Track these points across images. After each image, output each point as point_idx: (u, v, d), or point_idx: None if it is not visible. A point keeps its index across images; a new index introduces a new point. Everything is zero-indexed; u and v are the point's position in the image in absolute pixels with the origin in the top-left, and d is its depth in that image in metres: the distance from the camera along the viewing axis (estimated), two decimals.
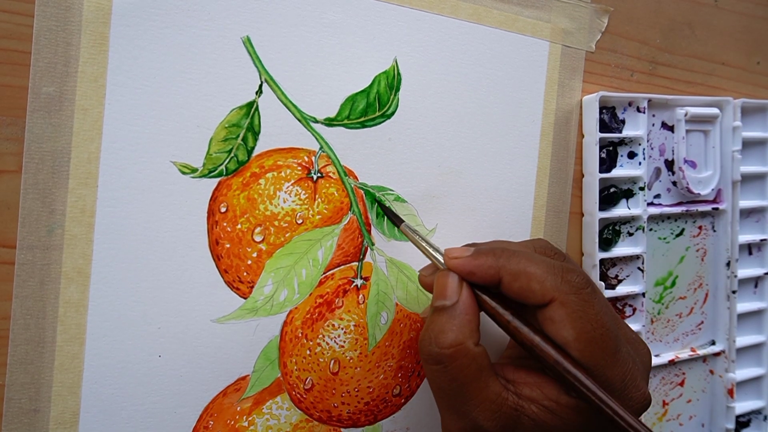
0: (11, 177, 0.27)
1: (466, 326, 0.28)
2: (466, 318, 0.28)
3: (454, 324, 0.28)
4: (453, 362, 0.27)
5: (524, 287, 0.28)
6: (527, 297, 0.28)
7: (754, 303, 0.47)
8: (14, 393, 0.28)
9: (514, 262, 0.28)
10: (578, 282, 0.28)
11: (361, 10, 0.33)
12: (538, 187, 0.39)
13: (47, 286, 0.28)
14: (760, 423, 0.48)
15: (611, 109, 0.41)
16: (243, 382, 0.32)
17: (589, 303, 0.28)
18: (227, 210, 0.31)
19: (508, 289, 0.28)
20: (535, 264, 0.28)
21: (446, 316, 0.28)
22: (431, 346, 0.27)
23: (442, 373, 0.27)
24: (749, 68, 0.48)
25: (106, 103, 0.28)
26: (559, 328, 0.27)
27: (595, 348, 0.27)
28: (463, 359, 0.27)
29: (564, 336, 0.27)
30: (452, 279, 0.29)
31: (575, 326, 0.27)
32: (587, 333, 0.27)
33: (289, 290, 0.33)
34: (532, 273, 0.28)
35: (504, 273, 0.28)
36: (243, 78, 0.31)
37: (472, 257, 0.29)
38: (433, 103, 0.36)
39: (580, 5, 0.40)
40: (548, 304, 0.28)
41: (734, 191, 0.45)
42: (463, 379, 0.27)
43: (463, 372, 0.27)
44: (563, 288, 0.28)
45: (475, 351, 0.27)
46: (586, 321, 0.27)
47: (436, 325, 0.28)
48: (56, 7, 0.27)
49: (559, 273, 0.28)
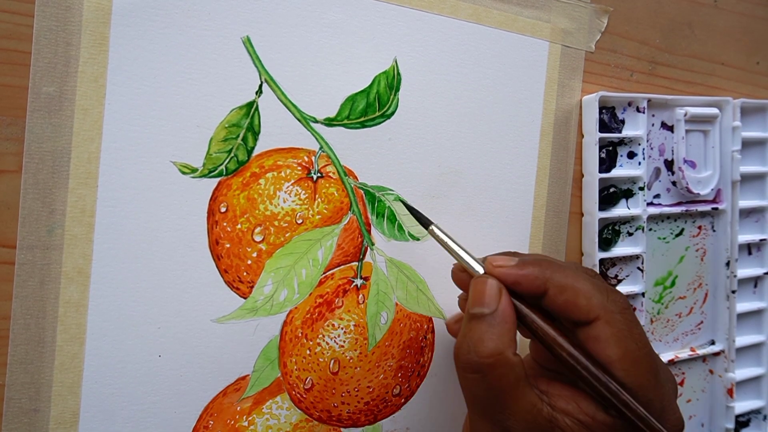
0: (11, 177, 0.27)
1: (506, 335, 0.27)
2: (506, 327, 0.27)
3: (494, 333, 0.27)
4: (492, 372, 0.26)
5: (570, 302, 0.28)
6: (572, 312, 0.28)
7: (754, 303, 0.48)
8: (14, 393, 0.28)
9: (561, 275, 0.28)
10: (622, 302, 0.28)
11: (361, 10, 0.33)
12: (538, 187, 0.39)
13: (47, 286, 0.28)
14: (760, 423, 0.48)
15: (611, 109, 0.41)
16: (243, 382, 0.32)
17: (634, 324, 0.28)
18: (227, 210, 0.31)
19: (552, 302, 0.28)
20: (581, 280, 0.28)
21: (485, 324, 0.27)
22: (470, 355, 0.27)
23: (479, 382, 0.27)
24: (749, 68, 0.48)
25: (106, 103, 0.28)
26: (605, 347, 0.27)
27: (640, 369, 0.27)
28: (502, 369, 0.26)
29: (609, 355, 0.27)
30: (491, 286, 0.28)
31: (621, 346, 0.27)
32: (632, 353, 0.27)
33: (289, 290, 0.33)
34: (579, 288, 0.28)
35: (551, 285, 0.28)
36: (243, 78, 0.31)
37: (518, 266, 0.28)
38: (433, 103, 0.36)
39: (580, 5, 0.40)
40: (592, 322, 0.27)
41: (734, 191, 0.45)
42: (500, 388, 0.26)
43: (501, 381, 0.26)
44: (609, 306, 0.27)
45: (513, 360, 0.27)
46: (631, 341, 0.27)
47: (475, 333, 0.27)
48: (56, 7, 0.27)
49: (605, 292, 0.28)
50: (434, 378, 0.37)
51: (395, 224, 0.35)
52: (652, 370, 0.28)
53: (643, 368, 0.27)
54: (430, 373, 0.37)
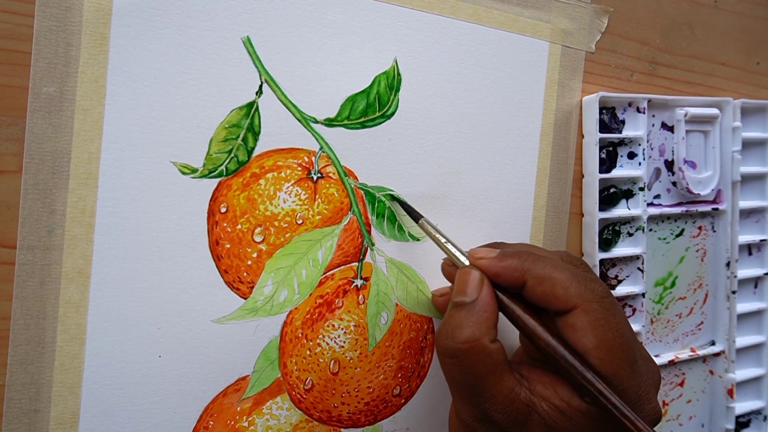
0: (11, 177, 0.27)
1: (484, 323, 0.28)
2: (485, 315, 0.28)
3: (472, 320, 0.28)
4: (467, 357, 0.27)
5: (548, 292, 0.28)
6: (550, 302, 0.28)
7: (754, 303, 0.47)
8: (14, 393, 0.28)
9: (539, 266, 0.29)
10: (601, 291, 0.29)
11: (361, 10, 0.33)
12: (538, 187, 0.39)
13: (47, 286, 0.28)
14: (760, 423, 0.48)
15: (611, 110, 0.41)
16: (243, 383, 0.32)
17: (611, 312, 0.28)
18: (227, 210, 0.31)
19: (531, 293, 0.29)
20: (559, 270, 0.29)
21: (464, 312, 0.28)
22: (447, 340, 0.28)
23: (456, 366, 0.28)
24: (749, 68, 0.48)
25: (106, 104, 0.28)
26: (581, 336, 0.28)
27: (615, 357, 0.27)
28: (477, 355, 0.27)
29: (585, 343, 0.28)
30: (474, 276, 0.29)
31: (596, 334, 0.27)
32: (608, 342, 0.27)
33: (289, 290, 0.33)
34: (556, 278, 0.28)
35: (529, 276, 0.29)
36: (243, 78, 0.31)
37: (497, 258, 0.29)
38: (433, 103, 0.36)
39: (580, 5, 0.40)
40: (570, 311, 0.28)
41: (734, 191, 0.45)
42: (477, 373, 0.27)
43: (477, 367, 0.27)
44: (586, 296, 0.28)
45: (490, 347, 0.27)
46: (607, 330, 0.28)
47: (454, 320, 0.28)
48: (56, 8, 0.27)
49: (583, 281, 0.29)
50: (434, 378, 0.37)
51: (395, 224, 0.35)
52: (628, 360, 0.28)
53: (618, 357, 0.27)
54: (430, 373, 0.37)
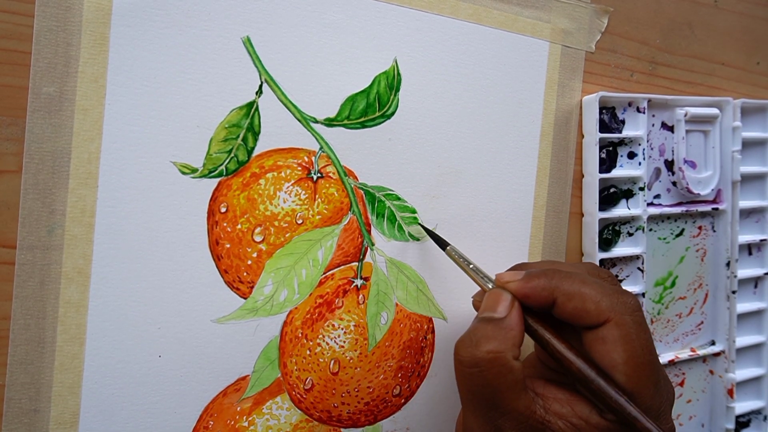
0: (11, 177, 0.27)
1: (510, 340, 0.27)
2: (511, 333, 0.28)
3: (499, 334, 0.27)
4: (489, 369, 0.27)
5: (579, 308, 0.28)
6: (581, 317, 0.28)
7: (754, 303, 0.47)
8: (14, 393, 0.28)
9: (567, 283, 0.29)
10: (632, 304, 0.28)
11: (361, 10, 0.33)
12: (538, 187, 0.39)
13: (47, 286, 0.28)
14: (760, 423, 0.48)
15: (611, 110, 0.41)
16: (243, 382, 0.32)
17: (642, 327, 0.28)
18: (227, 210, 0.31)
19: (561, 311, 0.29)
20: (588, 285, 0.28)
21: (492, 326, 0.28)
22: (470, 348, 0.27)
23: (476, 377, 0.27)
24: (749, 68, 0.48)
25: (106, 103, 0.28)
26: (610, 350, 0.27)
27: (642, 374, 0.27)
28: (500, 368, 0.27)
29: (614, 358, 0.27)
30: (505, 296, 0.29)
31: (626, 349, 0.27)
32: (636, 358, 0.27)
33: (289, 290, 0.33)
34: (586, 294, 0.28)
35: (558, 294, 0.28)
36: (243, 78, 0.31)
37: (524, 281, 0.29)
38: (433, 103, 0.36)
39: (580, 5, 0.40)
40: (601, 325, 0.28)
41: (734, 191, 0.45)
42: (496, 386, 0.27)
43: (498, 380, 0.27)
44: (618, 309, 0.28)
45: (513, 363, 0.27)
46: (637, 344, 0.27)
47: (480, 331, 0.28)
48: (56, 7, 0.27)
49: (613, 294, 0.28)
50: (434, 378, 0.37)
51: (395, 224, 0.35)
52: (653, 378, 0.28)
53: (645, 375, 0.27)
54: (430, 373, 0.37)
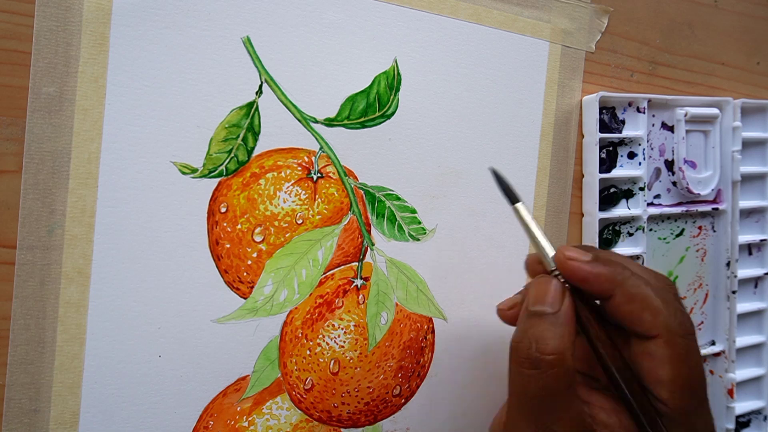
0: (11, 177, 0.27)
1: (567, 337, 0.26)
2: (567, 329, 0.26)
3: (557, 332, 0.26)
4: (551, 369, 0.26)
5: (635, 314, 0.27)
6: (634, 324, 0.27)
7: (754, 303, 0.47)
8: (14, 393, 0.28)
9: (632, 282, 0.27)
10: (688, 326, 0.27)
11: (361, 10, 0.33)
12: (538, 187, 0.39)
13: (47, 286, 0.28)
14: (760, 423, 0.48)
15: (611, 110, 0.41)
16: (243, 382, 0.32)
17: (694, 350, 0.27)
18: (227, 210, 0.31)
19: (615, 309, 0.27)
20: (654, 293, 0.27)
21: (547, 322, 0.27)
22: (531, 350, 0.26)
23: (535, 379, 0.26)
24: (749, 68, 0.48)
25: (106, 103, 0.28)
26: (657, 366, 0.26)
27: (689, 393, 0.26)
28: (560, 369, 0.26)
29: (660, 375, 0.26)
30: (555, 286, 0.28)
31: (674, 368, 0.26)
32: (684, 378, 0.26)
33: (289, 290, 0.33)
34: (648, 302, 0.27)
35: (619, 291, 0.27)
36: (243, 78, 0.31)
37: (591, 264, 0.27)
38: (433, 103, 0.36)
39: (580, 5, 0.40)
40: (652, 338, 0.27)
41: (734, 191, 0.45)
42: (555, 389, 0.26)
43: (557, 382, 0.26)
44: (674, 328, 0.27)
45: (571, 364, 0.26)
46: (686, 366, 0.27)
47: (537, 329, 0.26)
48: (56, 7, 0.27)
49: (673, 311, 0.27)
50: (434, 378, 0.37)
51: (395, 224, 0.35)
52: (700, 397, 0.27)
53: (692, 393, 0.27)
54: (431, 373, 0.37)
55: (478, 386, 0.38)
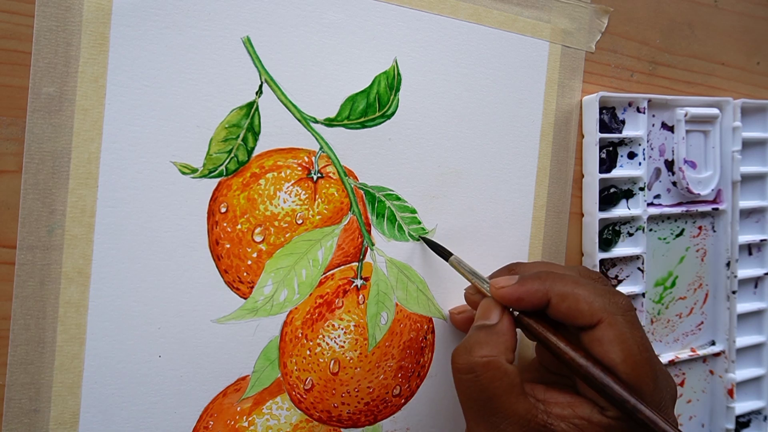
0: (11, 177, 0.27)
1: (503, 344, 0.29)
2: (504, 337, 0.29)
3: (491, 340, 0.29)
4: (485, 372, 0.28)
5: (572, 308, 0.29)
6: (575, 317, 0.29)
7: (754, 303, 0.47)
8: (14, 393, 0.28)
9: (560, 284, 0.29)
10: (624, 304, 0.29)
11: (361, 10, 0.33)
12: (538, 187, 0.39)
13: (47, 286, 0.28)
14: (760, 423, 0.48)
15: (611, 110, 0.41)
16: (243, 383, 0.32)
17: (635, 325, 0.29)
18: (227, 210, 0.31)
19: (555, 311, 0.29)
20: (582, 286, 0.29)
21: (484, 332, 0.29)
22: (465, 355, 0.28)
23: (473, 383, 0.28)
24: (749, 68, 0.48)
25: (106, 103, 0.28)
26: (607, 350, 0.28)
27: (640, 371, 0.28)
28: (494, 372, 0.28)
29: (612, 358, 0.28)
30: (495, 304, 0.30)
31: (623, 348, 0.28)
32: (634, 356, 0.28)
33: (289, 290, 0.33)
34: (579, 294, 0.29)
35: (552, 295, 0.29)
36: (243, 78, 0.31)
37: (518, 284, 0.30)
38: (433, 103, 0.36)
39: (580, 5, 0.40)
40: (595, 326, 0.28)
41: (734, 191, 0.45)
42: (493, 391, 0.27)
43: (494, 384, 0.27)
44: (611, 309, 0.28)
45: (507, 367, 0.28)
46: (633, 343, 0.28)
47: (473, 338, 0.29)
48: (56, 7, 0.27)
49: (606, 294, 0.29)
50: (434, 378, 0.37)
51: (395, 224, 0.35)
52: (652, 375, 0.28)
53: (643, 372, 0.28)
54: (430, 373, 0.37)
55: None
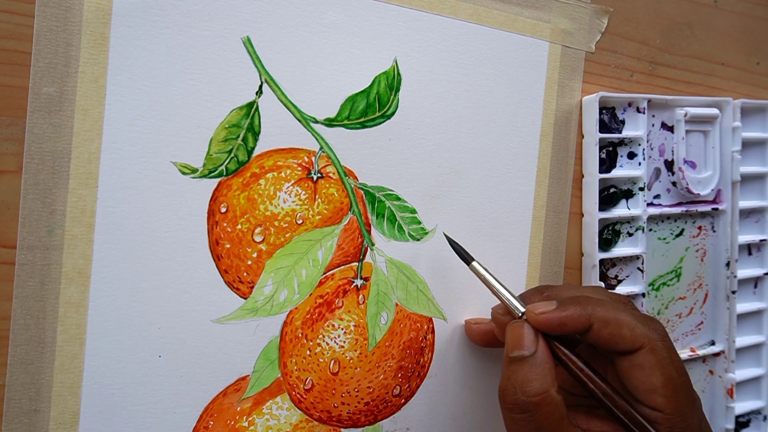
0: (11, 177, 0.27)
1: (548, 375, 0.28)
2: (546, 367, 0.29)
3: (537, 373, 0.28)
4: (539, 410, 0.28)
5: (615, 334, 0.29)
6: (617, 343, 0.29)
7: (754, 303, 0.47)
8: (14, 393, 0.28)
9: (601, 309, 0.29)
10: (661, 330, 0.30)
11: (361, 10, 0.33)
12: (538, 187, 0.39)
13: (47, 286, 0.28)
14: (760, 423, 0.48)
15: (611, 110, 0.41)
16: (243, 383, 0.32)
17: (673, 350, 0.29)
18: (227, 210, 0.31)
19: (596, 336, 0.29)
20: (622, 312, 0.29)
21: (527, 366, 0.29)
22: (516, 395, 0.28)
23: (527, 422, 0.28)
24: (749, 68, 0.48)
25: (106, 104, 0.28)
26: (648, 375, 0.28)
27: (680, 395, 0.28)
28: (548, 407, 0.28)
29: (653, 382, 0.28)
30: (528, 330, 0.30)
31: (664, 373, 0.28)
32: (674, 380, 0.28)
33: (289, 290, 0.33)
34: (622, 320, 0.29)
35: (595, 320, 0.29)
36: (243, 78, 0.31)
37: (559, 310, 0.30)
38: (433, 103, 0.36)
39: (580, 5, 0.40)
40: (637, 351, 0.29)
41: (734, 191, 0.45)
42: (546, 426, 0.28)
43: (548, 420, 0.28)
44: (651, 335, 0.29)
45: (557, 399, 0.28)
46: (672, 368, 0.28)
47: (518, 374, 0.28)
48: (56, 8, 0.27)
49: (645, 321, 0.29)
50: (434, 378, 0.37)
51: (395, 225, 0.35)
52: (690, 397, 0.29)
53: (683, 395, 0.28)
54: (430, 373, 0.37)
55: (478, 386, 0.38)
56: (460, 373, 0.38)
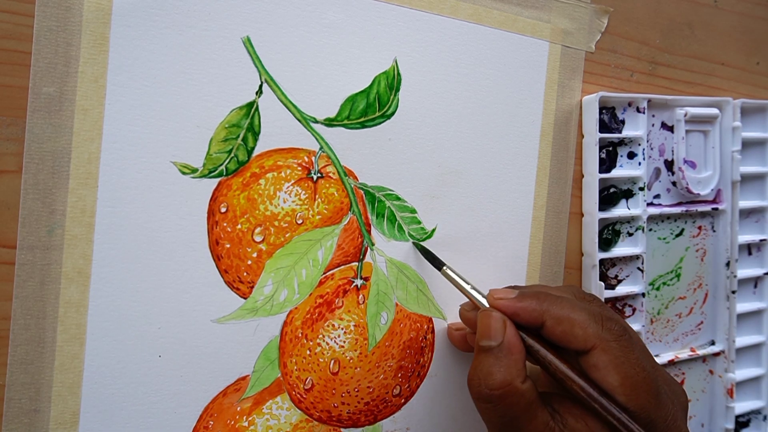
0: (11, 177, 0.27)
1: (513, 366, 0.29)
2: (513, 358, 0.29)
3: (502, 365, 0.29)
4: (501, 401, 0.28)
5: (567, 332, 0.29)
6: (569, 342, 0.29)
7: (754, 303, 0.47)
8: (14, 393, 0.28)
9: (557, 307, 0.30)
10: (617, 330, 0.30)
11: (361, 10, 0.33)
12: (538, 187, 0.39)
13: (47, 286, 0.28)
14: (760, 423, 0.48)
15: (611, 110, 0.41)
16: (243, 382, 0.32)
17: (629, 349, 0.29)
18: (227, 210, 0.31)
19: (550, 333, 0.30)
20: (577, 310, 0.30)
21: (493, 357, 0.29)
22: (480, 387, 0.29)
23: (492, 411, 0.29)
24: (749, 68, 0.48)
25: (106, 103, 0.28)
26: (605, 375, 0.28)
27: (640, 392, 0.28)
28: (511, 398, 0.28)
29: (610, 382, 0.28)
30: (495, 319, 0.30)
31: (619, 372, 0.28)
32: (631, 378, 0.28)
33: (289, 290, 0.33)
34: (575, 319, 0.29)
35: (547, 317, 0.30)
36: (243, 78, 0.31)
37: (516, 299, 0.30)
38: (433, 103, 0.36)
39: (580, 5, 0.40)
40: (590, 351, 0.29)
41: (734, 191, 0.45)
42: (512, 414, 0.28)
43: (512, 409, 0.28)
44: (604, 335, 0.29)
45: (522, 389, 0.28)
46: (628, 366, 0.29)
47: (484, 365, 0.29)
48: (56, 8, 0.27)
49: (600, 320, 0.29)
50: (434, 378, 0.37)
51: (395, 224, 0.35)
52: (653, 392, 0.29)
53: (644, 391, 0.28)
54: (430, 373, 0.37)
55: None
56: (460, 373, 0.38)
